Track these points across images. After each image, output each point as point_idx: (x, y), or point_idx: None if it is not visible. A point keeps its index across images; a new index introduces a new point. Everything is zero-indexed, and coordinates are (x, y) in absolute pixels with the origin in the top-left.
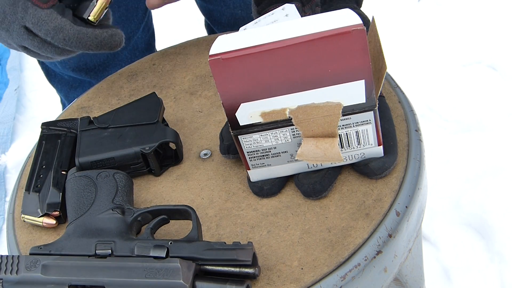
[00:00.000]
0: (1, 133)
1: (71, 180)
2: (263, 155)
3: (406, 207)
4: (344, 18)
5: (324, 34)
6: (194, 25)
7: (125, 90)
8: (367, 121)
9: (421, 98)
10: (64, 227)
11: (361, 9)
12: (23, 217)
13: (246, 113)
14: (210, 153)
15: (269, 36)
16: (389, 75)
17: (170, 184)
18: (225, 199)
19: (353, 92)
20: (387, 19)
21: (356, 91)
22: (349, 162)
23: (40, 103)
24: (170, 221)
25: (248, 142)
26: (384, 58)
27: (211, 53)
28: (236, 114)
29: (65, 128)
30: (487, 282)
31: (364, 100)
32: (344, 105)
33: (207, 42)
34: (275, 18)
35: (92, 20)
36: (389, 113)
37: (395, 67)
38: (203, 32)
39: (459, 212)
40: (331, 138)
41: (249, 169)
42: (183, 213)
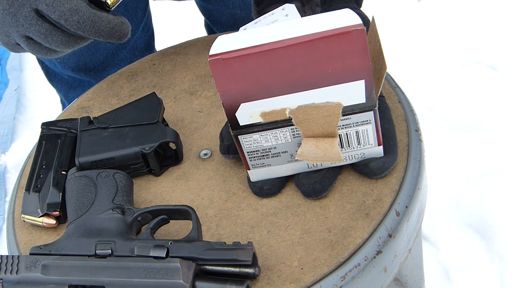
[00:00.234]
0: (1, 133)
1: (71, 180)
2: (263, 155)
3: (406, 207)
4: (344, 18)
5: (324, 34)
6: (194, 25)
7: (125, 90)
8: (367, 121)
9: (421, 98)
10: (64, 227)
11: (361, 9)
12: (23, 217)
13: (246, 113)
14: (210, 153)
15: (269, 36)
16: (389, 75)
17: (170, 184)
18: (225, 199)
19: (353, 92)
20: (387, 19)
21: (356, 91)
22: (349, 162)
23: (40, 103)
24: (170, 221)
25: (248, 142)
26: (384, 58)
27: (211, 53)
28: (236, 114)
29: (65, 128)
30: (487, 282)
31: (364, 100)
32: (344, 105)
33: (207, 42)
34: (275, 18)
35: (109, 4)
36: (389, 113)
37: (395, 67)
38: (203, 32)
39: (459, 212)
40: (331, 138)
41: (249, 169)
42: (183, 213)
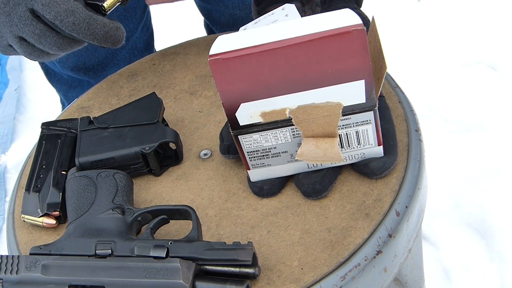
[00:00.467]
0: (1, 133)
1: (71, 180)
2: (263, 155)
3: (406, 207)
4: (344, 18)
5: (324, 34)
6: (194, 25)
7: (125, 90)
8: (367, 121)
9: (421, 98)
10: (64, 227)
11: (361, 9)
12: (23, 217)
13: (246, 113)
14: (210, 153)
15: (269, 36)
16: (389, 75)
17: (170, 184)
18: (225, 199)
19: (353, 92)
20: (387, 19)
21: (356, 91)
22: (349, 162)
23: (40, 103)
24: (170, 221)
25: (248, 142)
26: (384, 58)
27: (211, 53)
28: (236, 114)
29: (65, 128)
30: (487, 282)
31: (364, 100)
32: (344, 105)
33: (207, 42)
34: (275, 18)
35: (105, 8)
36: (389, 113)
37: (395, 67)
38: (203, 32)
39: (459, 212)
40: (331, 138)
41: (249, 169)
42: (183, 213)
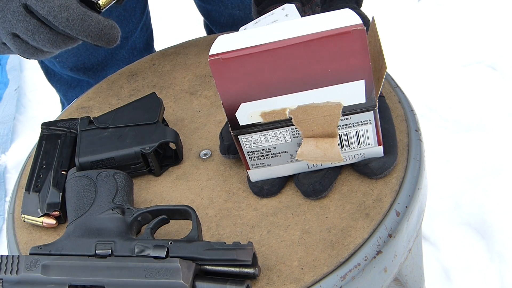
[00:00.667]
0: (1, 133)
1: (71, 180)
2: (263, 155)
3: (406, 207)
4: (344, 18)
5: (324, 34)
6: (194, 25)
7: (125, 90)
8: (367, 121)
9: (421, 98)
10: (64, 227)
11: (361, 9)
12: (23, 217)
13: (246, 113)
14: (210, 153)
15: (269, 36)
16: (389, 75)
17: (170, 184)
18: (225, 199)
19: (353, 92)
20: (387, 19)
21: (356, 91)
22: (349, 162)
23: (40, 103)
24: (170, 221)
25: (248, 142)
26: (384, 58)
27: (211, 53)
28: (236, 114)
29: (65, 128)
30: (487, 282)
31: (364, 100)
32: (344, 105)
33: (207, 42)
34: (275, 18)
35: (100, 6)
36: (389, 113)
37: (395, 67)
38: (203, 32)
39: (459, 212)
40: (331, 138)
41: (249, 169)
42: (183, 213)
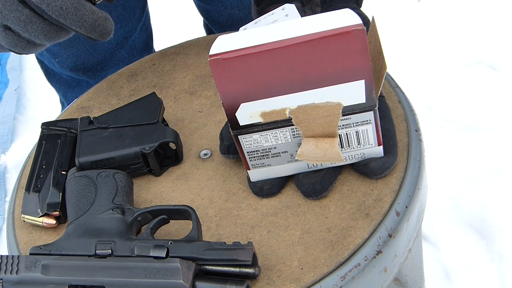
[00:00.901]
0: (1, 133)
1: (71, 180)
2: (263, 155)
3: (406, 207)
4: (344, 18)
5: (324, 34)
6: (194, 25)
7: (125, 90)
8: (367, 121)
9: (421, 98)
10: (64, 227)
11: (361, 9)
12: (23, 217)
13: (246, 113)
14: (210, 153)
15: (269, 36)
16: (389, 75)
17: (170, 184)
18: (225, 199)
19: (353, 92)
20: (387, 19)
21: (356, 91)
22: (349, 162)
23: (40, 103)
24: (170, 221)
25: (248, 142)
26: (384, 58)
27: (211, 53)
28: (236, 114)
29: (65, 128)
30: (487, 282)
31: (364, 100)
32: (344, 105)
33: (207, 42)
34: (275, 18)
35: None
36: (389, 113)
37: (395, 67)
38: (203, 32)
39: (459, 212)
40: (331, 138)
41: (249, 169)
42: (183, 213)
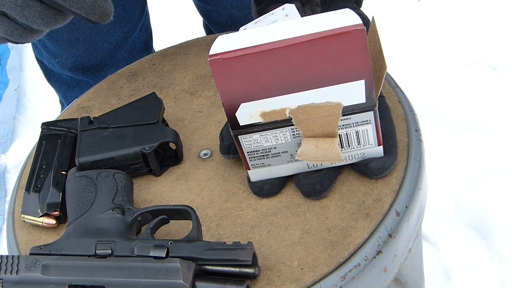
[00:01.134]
0: (1, 133)
1: (71, 180)
2: (263, 155)
3: (406, 207)
4: (344, 18)
5: (324, 34)
6: (193, 25)
7: (125, 90)
8: (367, 121)
9: (421, 98)
10: (64, 227)
11: (361, 9)
12: (23, 217)
13: (246, 113)
14: (210, 153)
15: (269, 36)
16: (389, 75)
17: (170, 184)
18: (225, 199)
19: (353, 92)
20: (387, 19)
21: (356, 91)
22: (349, 162)
23: (40, 103)
24: (170, 221)
25: (248, 142)
26: (384, 58)
27: (211, 53)
28: (236, 114)
29: (65, 128)
30: (487, 282)
31: (364, 100)
32: (344, 105)
33: (207, 42)
34: (275, 18)
35: None
36: (389, 113)
37: (395, 67)
38: (203, 32)
39: (459, 212)
40: (331, 138)
41: (249, 169)
42: (183, 213)
